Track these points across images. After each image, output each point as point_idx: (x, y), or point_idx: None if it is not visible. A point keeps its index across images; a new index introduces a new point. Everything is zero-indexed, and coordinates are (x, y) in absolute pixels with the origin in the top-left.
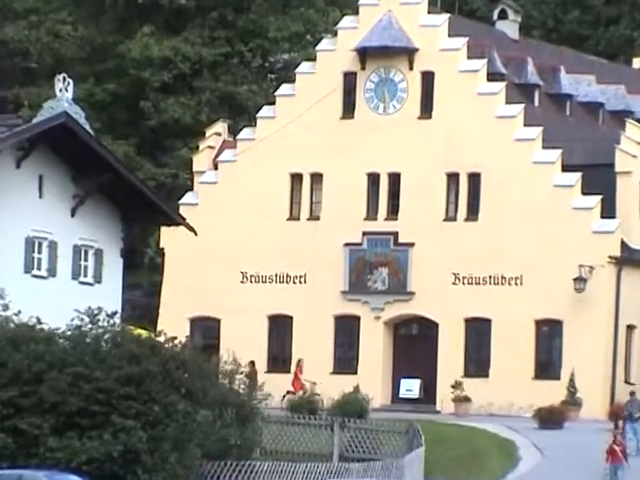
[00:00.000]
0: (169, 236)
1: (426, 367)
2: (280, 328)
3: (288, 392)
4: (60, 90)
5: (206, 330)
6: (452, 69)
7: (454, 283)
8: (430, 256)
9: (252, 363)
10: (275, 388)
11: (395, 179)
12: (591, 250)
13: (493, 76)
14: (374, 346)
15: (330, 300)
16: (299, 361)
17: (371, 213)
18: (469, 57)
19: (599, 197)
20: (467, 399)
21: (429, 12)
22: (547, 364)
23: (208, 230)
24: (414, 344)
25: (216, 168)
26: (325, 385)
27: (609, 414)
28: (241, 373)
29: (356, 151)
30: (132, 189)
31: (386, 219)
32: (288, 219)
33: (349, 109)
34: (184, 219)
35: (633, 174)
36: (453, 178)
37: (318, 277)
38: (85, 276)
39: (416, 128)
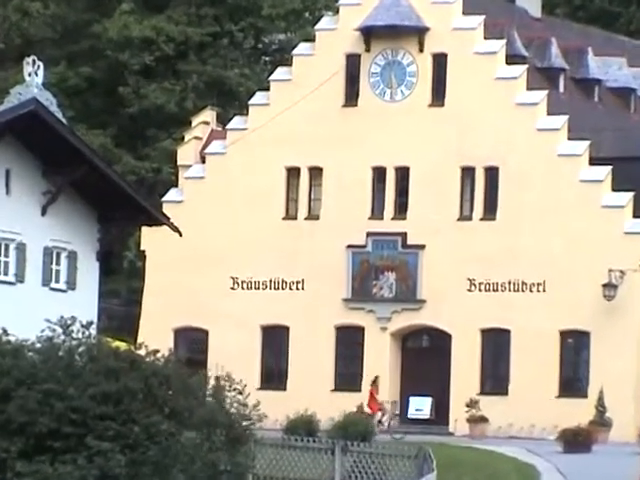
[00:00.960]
0: (151, 237)
1: (438, 384)
2: (275, 340)
3: (362, 413)
4: (29, 74)
5: (192, 342)
6: (467, 51)
7: (469, 290)
8: (442, 260)
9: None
10: (270, 407)
11: (403, 174)
12: (622, 253)
13: (513, 59)
14: (380, 360)
15: (331, 309)
16: (375, 379)
17: (376, 212)
18: (486, 37)
19: (631, 194)
20: (483, 419)
21: None
22: (573, 380)
23: (194, 231)
24: (424, 358)
25: (203, 161)
26: (325, 404)
27: None
28: (233, 390)
29: (360, 142)
30: (110, 185)
31: (393, 218)
32: (284, 218)
33: (352, 96)
34: (168, 218)
35: None
36: (468, 172)
37: (317, 283)
38: (57, 282)
39: (427, 117)
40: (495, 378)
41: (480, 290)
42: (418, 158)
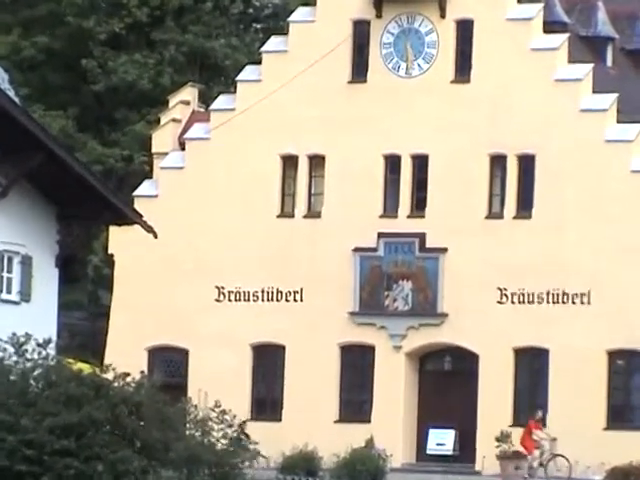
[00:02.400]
0: (120, 239)
1: (462, 413)
2: (268, 362)
3: (513, 454)
4: None
5: (169, 364)
6: (497, 17)
7: (500, 302)
8: (468, 266)
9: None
10: (262, 441)
11: (421, 163)
12: None
13: (552, 26)
14: (393, 385)
15: (334, 324)
16: (538, 413)
17: (389, 209)
18: (520, 1)
19: None
20: (517, 456)
21: None
22: (623, 409)
23: (172, 231)
24: (446, 383)
25: (183, 148)
26: (328, 437)
27: None
28: (222, 422)
29: (369, 126)
30: (71, 176)
31: (409, 216)
32: (279, 216)
33: (360, 70)
34: (140, 216)
35: None
36: (498, 162)
37: (318, 294)
38: (8, 292)
39: (449, 95)
40: (531, 406)
41: (513, 302)
42: (439, 145)
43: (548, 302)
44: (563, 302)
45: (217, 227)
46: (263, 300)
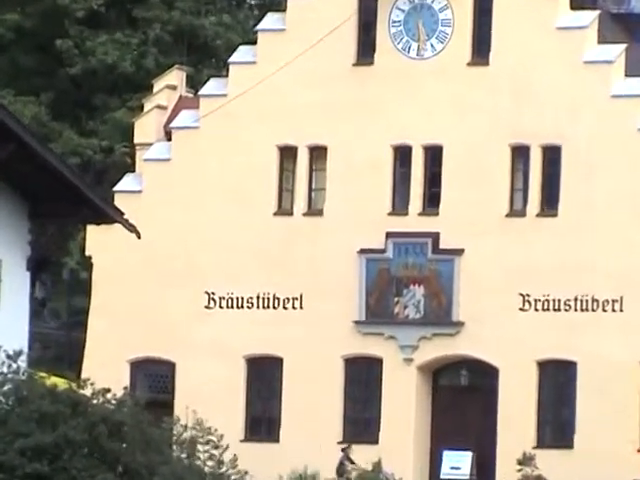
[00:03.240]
0: (99, 239)
1: (480, 433)
2: (264, 376)
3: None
4: None
5: (154, 379)
6: None
7: (522, 309)
8: (486, 269)
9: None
10: (257, 464)
11: (435, 155)
12: None
13: (580, 2)
14: (403, 402)
15: (338, 335)
16: None
17: (399, 205)
18: None
19: None
20: None
21: None
22: None
23: (157, 230)
24: (462, 399)
25: (169, 139)
26: (330, 459)
27: None
28: (207, 443)
29: (377, 113)
30: (44, 169)
31: (421, 214)
32: (276, 214)
33: (367, 51)
34: (121, 214)
35: None
36: (521, 153)
37: (320, 301)
38: None
39: (465, 79)
40: (556, 426)
41: (536, 309)
42: (454, 134)
43: (575, 309)
44: (592, 309)
45: (207, 226)
46: (258, 307)
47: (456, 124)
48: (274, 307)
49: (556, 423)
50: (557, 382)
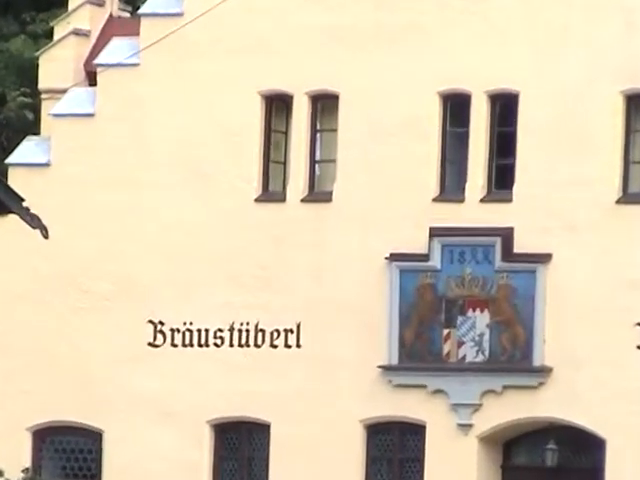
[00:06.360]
0: None
1: None
2: (241, 451)
3: None
4: None
5: (71, 455)
6: None
7: None
8: (586, 284)
9: None
10: None
11: (506, 107)
12: None
13: None
14: None
15: (356, 387)
16: None
17: (450, 186)
18: None
19: None
20: None
21: None
22: None
23: (74, 225)
24: None
25: (93, 82)
26: None
27: None
28: None
29: (415, 44)
30: None
31: (485, 200)
32: (259, 200)
33: None
34: (20, 200)
35: None
36: (638, 104)
37: (327, 334)
38: None
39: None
40: None
41: None
42: (536, 76)
43: None
44: None
45: (151, 219)
46: (232, 345)
47: (538, 61)
48: (256, 345)
49: None
50: None
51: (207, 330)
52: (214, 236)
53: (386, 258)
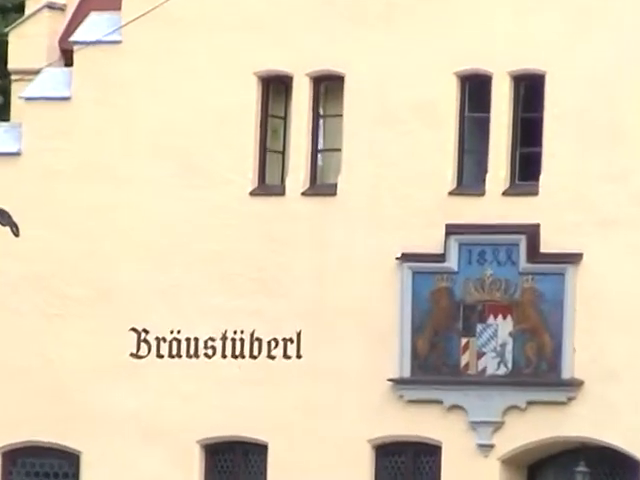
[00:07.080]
0: None
1: None
2: (235, 474)
3: None
4: None
5: (44, 478)
6: None
7: None
8: (623, 288)
9: None
10: None
11: (531, 89)
12: None
13: None
14: None
15: (364, 403)
16: None
17: (468, 179)
18: None
19: None
20: None
21: None
22: None
23: (49, 223)
24: None
25: (69, 63)
26: None
27: None
28: None
29: (431, 19)
30: None
31: (507, 194)
32: (255, 194)
33: None
34: None
35: None
36: None
37: (332, 344)
38: None
39: None
40: None
41: None
42: (566, 55)
43: None
44: None
45: (135, 215)
46: (224, 356)
47: (569, 39)
48: (252, 356)
49: None
50: None
51: (197, 339)
52: (205, 234)
53: (397, 259)
